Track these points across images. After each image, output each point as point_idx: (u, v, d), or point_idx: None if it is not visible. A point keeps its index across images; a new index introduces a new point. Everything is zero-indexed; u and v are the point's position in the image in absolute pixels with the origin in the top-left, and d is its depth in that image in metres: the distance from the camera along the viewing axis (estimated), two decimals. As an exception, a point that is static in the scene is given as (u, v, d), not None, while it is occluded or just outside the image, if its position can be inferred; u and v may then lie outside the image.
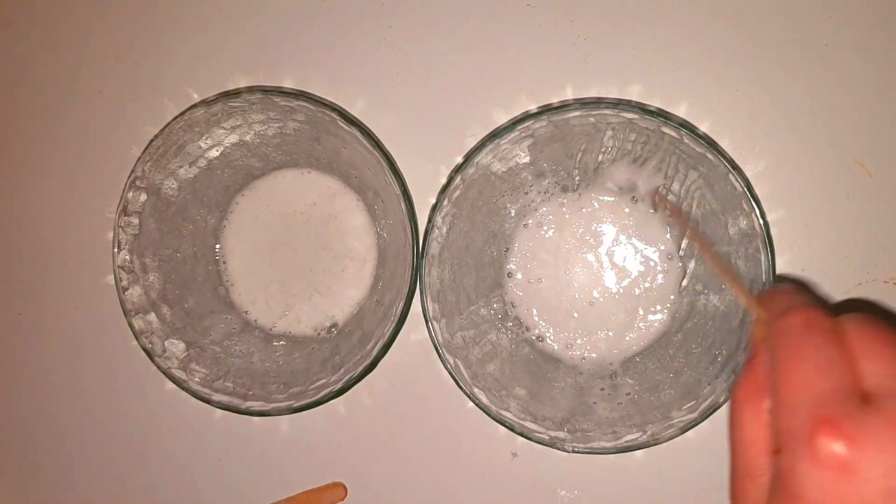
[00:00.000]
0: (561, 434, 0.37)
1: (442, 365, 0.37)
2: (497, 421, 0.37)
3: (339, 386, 0.38)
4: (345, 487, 0.45)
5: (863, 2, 0.40)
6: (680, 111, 0.41)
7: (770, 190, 0.41)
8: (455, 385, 0.37)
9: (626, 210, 0.41)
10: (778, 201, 0.41)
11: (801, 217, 0.41)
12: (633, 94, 0.42)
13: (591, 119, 0.36)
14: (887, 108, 0.41)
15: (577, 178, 0.41)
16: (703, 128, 0.41)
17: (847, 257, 0.41)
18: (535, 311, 0.42)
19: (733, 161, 0.35)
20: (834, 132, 0.41)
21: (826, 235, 0.41)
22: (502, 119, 0.42)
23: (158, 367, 0.40)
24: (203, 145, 0.41)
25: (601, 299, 0.42)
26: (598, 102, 0.41)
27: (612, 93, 0.42)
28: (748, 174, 0.40)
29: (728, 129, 0.41)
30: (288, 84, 0.44)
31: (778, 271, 0.35)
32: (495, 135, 0.36)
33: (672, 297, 0.41)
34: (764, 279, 0.34)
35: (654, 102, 0.42)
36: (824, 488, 0.19)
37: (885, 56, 0.40)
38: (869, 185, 0.41)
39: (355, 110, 0.43)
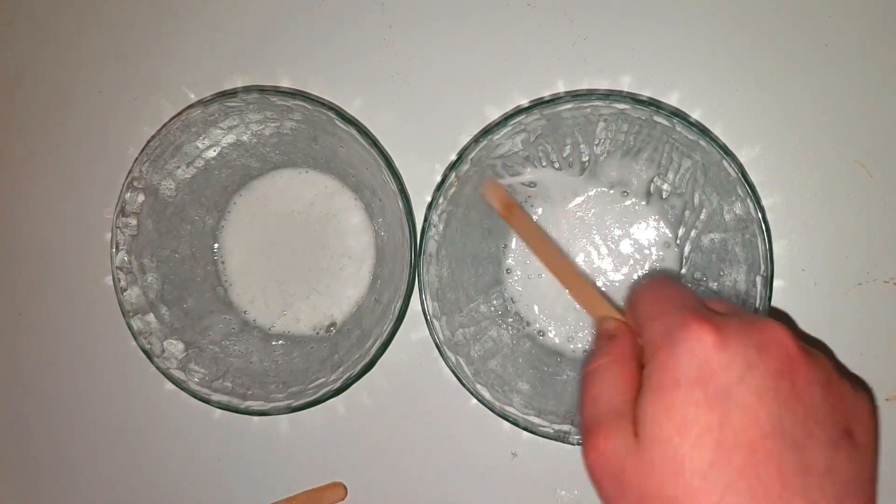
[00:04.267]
0: (566, 427, 0.36)
1: (443, 363, 0.37)
2: (501, 416, 0.37)
3: (338, 385, 0.38)
4: (345, 487, 0.44)
5: (863, 2, 0.40)
6: (674, 102, 0.41)
7: (770, 190, 0.41)
8: (455, 384, 0.37)
9: (622, 202, 0.41)
10: (777, 200, 0.41)
11: (801, 217, 0.41)
12: (631, 90, 0.42)
13: (584, 111, 0.36)
14: (887, 108, 0.40)
15: (572, 171, 0.41)
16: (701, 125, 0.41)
17: (847, 257, 0.41)
18: (535, 307, 0.42)
19: (726, 147, 0.35)
20: (834, 132, 0.41)
21: (826, 235, 0.41)
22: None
23: (157, 368, 0.40)
24: (200, 145, 0.41)
25: (602, 289, 0.42)
26: (589, 94, 0.41)
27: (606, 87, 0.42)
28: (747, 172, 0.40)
29: (727, 128, 0.41)
30: (285, 83, 0.44)
31: (776, 268, 0.35)
32: (488, 131, 0.36)
33: None
34: (762, 264, 0.34)
35: (656, 100, 0.41)
36: (700, 361, 0.24)
37: (885, 56, 0.40)
38: (869, 185, 0.41)
39: (352, 109, 0.43)
